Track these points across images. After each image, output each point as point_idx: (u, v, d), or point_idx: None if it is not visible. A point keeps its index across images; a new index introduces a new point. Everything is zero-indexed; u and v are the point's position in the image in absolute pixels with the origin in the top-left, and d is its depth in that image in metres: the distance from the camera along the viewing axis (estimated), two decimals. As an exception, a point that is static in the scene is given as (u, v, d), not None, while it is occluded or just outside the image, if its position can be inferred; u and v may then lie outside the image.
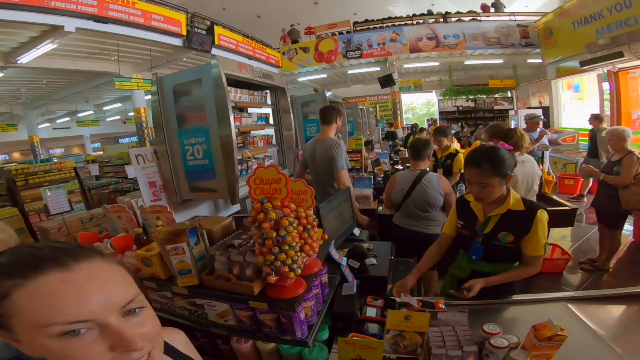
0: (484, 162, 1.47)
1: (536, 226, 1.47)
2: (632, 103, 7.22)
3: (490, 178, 1.46)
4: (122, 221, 2.03)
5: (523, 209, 1.51)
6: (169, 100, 2.08)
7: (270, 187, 1.02)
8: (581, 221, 4.85)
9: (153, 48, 7.84)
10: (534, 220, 1.47)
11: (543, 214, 1.48)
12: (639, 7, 5.94)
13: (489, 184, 1.47)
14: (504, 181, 1.50)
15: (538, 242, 1.49)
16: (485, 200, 1.55)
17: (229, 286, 1.14)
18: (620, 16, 6.34)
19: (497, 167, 1.46)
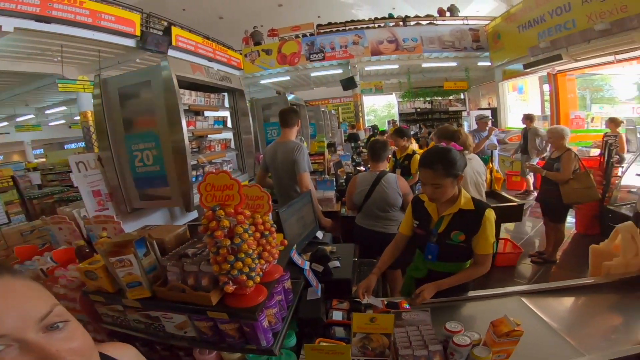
0: (437, 164, 1.51)
1: (484, 225, 1.52)
2: (570, 104, 7.94)
3: (443, 179, 1.51)
4: (63, 233, 1.87)
5: (473, 208, 1.56)
6: (114, 103, 1.94)
7: (223, 194, 0.97)
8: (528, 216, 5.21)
9: (102, 49, 7.35)
10: (482, 219, 1.52)
11: (491, 213, 1.54)
12: (577, 11, 6.39)
13: (441, 185, 1.52)
14: (456, 181, 1.55)
15: (487, 241, 1.54)
16: (439, 200, 1.58)
17: (184, 297, 1.08)
18: (560, 20, 6.83)
19: (449, 169, 1.50)
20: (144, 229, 1.49)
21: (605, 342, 1.20)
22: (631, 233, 1.71)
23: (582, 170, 3.35)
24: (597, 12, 5.89)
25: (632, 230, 1.71)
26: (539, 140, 5.91)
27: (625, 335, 1.13)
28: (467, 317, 1.53)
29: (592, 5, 5.99)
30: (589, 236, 4.04)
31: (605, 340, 1.25)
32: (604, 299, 1.57)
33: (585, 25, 6.13)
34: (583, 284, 1.66)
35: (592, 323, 1.40)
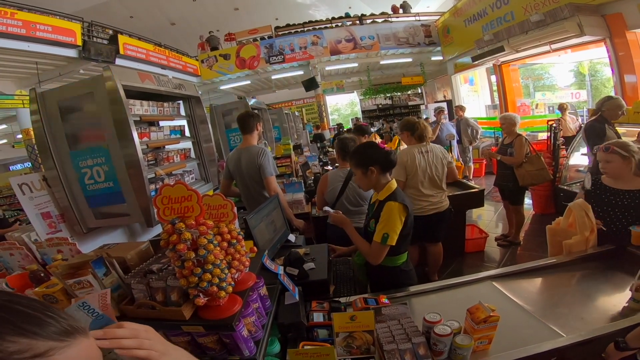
0: (352, 156, 1.81)
1: (382, 213, 1.66)
2: (515, 92, 8.48)
3: (355, 168, 1.79)
4: (15, 258, 1.74)
5: (383, 199, 1.71)
6: (55, 118, 1.80)
7: (181, 206, 0.92)
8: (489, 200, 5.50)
9: (40, 60, 6.84)
10: (383, 208, 1.66)
11: (391, 204, 1.65)
12: (514, 3, 6.80)
13: (355, 173, 1.81)
14: (368, 172, 1.72)
15: (379, 227, 1.66)
16: (360, 187, 1.88)
17: (155, 314, 1.03)
18: (500, 12, 7.26)
19: (357, 161, 1.76)
20: (101, 249, 1.40)
21: (579, 321, 1.25)
22: (584, 209, 1.80)
23: (533, 154, 3.59)
24: (532, 3, 6.30)
25: (584, 207, 1.81)
26: (470, 130, 6.32)
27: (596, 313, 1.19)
28: (445, 305, 1.56)
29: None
30: (546, 215, 4.34)
31: (579, 319, 1.31)
32: (569, 277, 1.67)
33: (522, 17, 6.53)
34: (548, 264, 1.75)
35: (563, 303, 1.47)
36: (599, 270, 1.68)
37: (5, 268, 1.97)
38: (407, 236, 1.73)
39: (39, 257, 1.71)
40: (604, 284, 1.59)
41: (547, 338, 1.23)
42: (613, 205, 1.89)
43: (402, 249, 1.74)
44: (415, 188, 2.79)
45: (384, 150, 1.77)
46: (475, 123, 6.41)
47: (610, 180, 1.94)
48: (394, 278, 1.77)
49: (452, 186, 3.73)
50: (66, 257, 1.50)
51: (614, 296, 1.47)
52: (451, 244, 3.38)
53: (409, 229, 1.70)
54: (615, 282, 1.58)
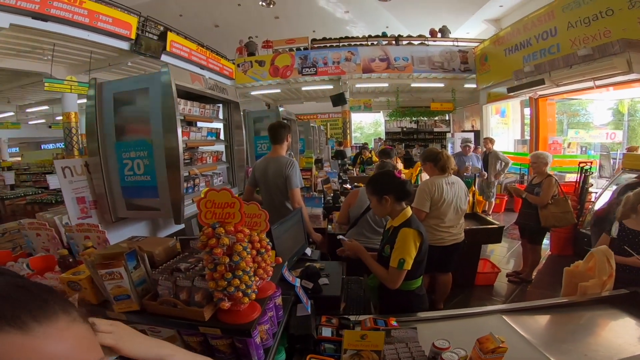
0: (367, 184, 1.88)
1: (397, 239, 1.69)
2: (549, 128, 8.16)
3: (370, 196, 1.85)
4: (41, 239, 1.80)
5: (398, 225, 1.74)
6: (108, 108, 1.90)
7: (223, 212, 0.97)
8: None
9: (95, 50, 7.23)
10: (398, 234, 1.70)
11: (406, 231, 1.69)
12: (562, 35, 6.57)
13: (370, 200, 1.86)
14: (383, 201, 1.77)
15: (395, 253, 1.69)
16: (376, 214, 1.95)
17: (175, 312, 1.06)
18: (545, 44, 7.00)
19: (373, 189, 1.82)
20: (132, 241, 1.45)
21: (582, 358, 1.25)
22: (606, 256, 1.82)
23: (560, 196, 3.50)
24: (582, 37, 6.06)
25: (607, 253, 1.82)
26: (500, 163, 6.15)
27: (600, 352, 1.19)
28: (453, 334, 1.54)
29: (577, 30, 6.16)
30: (563, 257, 4.23)
31: (582, 356, 1.31)
32: (579, 316, 1.66)
33: (568, 50, 6.27)
34: (560, 303, 1.76)
35: (569, 339, 1.48)
36: (610, 312, 1.68)
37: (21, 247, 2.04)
38: (422, 262, 1.77)
39: (65, 241, 1.76)
40: (612, 325, 1.61)
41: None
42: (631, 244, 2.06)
43: (417, 273, 1.77)
44: (438, 218, 2.75)
45: (399, 179, 1.81)
46: (505, 157, 6.26)
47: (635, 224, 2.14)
48: (407, 302, 1.79)
49: (472, 219, 3.68)
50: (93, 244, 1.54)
51: (620, 337, 1.47)
52: (462, 275, 3.34)
53: (423, 254, 1.74)
54: (624, 324, 1.58)
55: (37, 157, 12.65)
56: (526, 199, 3.65)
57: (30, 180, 9.56)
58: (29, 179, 9.75)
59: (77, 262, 1.45)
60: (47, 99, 12.40)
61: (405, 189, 1.79)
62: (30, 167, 10.63)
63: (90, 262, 1.09)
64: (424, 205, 2.70)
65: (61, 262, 1.47)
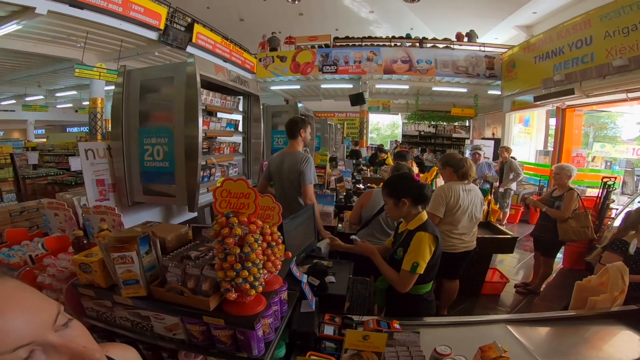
0: (384, 185, 1.84)
1: (412, 242, 1.67)
2: (574, 140, 7.83)
3: (386, 198, 1.81)
4: (58, 219, 1.86)
5: (413, 229, 1.71)
6: (134, 95, 1.96)
7: (238, 202, 0.98)
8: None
9: (125, 39, 7.47)
10: (413, 237, 1.68)
11: (422, 235, 1.67)
12: (598, 44, 6.21)
13: (387, 202, 1.83)
14: (400, 204, 1.75)
15: (408, 256, 1.66)
16: (390, 216, 1.90)
17: (181, 300, 1.07)
18: (578, 53, 6.67)
19: (390, 191, 1.79)
20: (146, 226, 1.48)
21: None
22: (621, 272, 1.78)
23: (581, 210, 3.38)
24: (618, 47, 5.75)
25: (622, 269, 1.79)
26: (512, 175, 5.98)
27: None
28: (455, 340, 1.53)
29: (615, 39, 5.84)
30: (575, 271, 4.11)
31: None
32: (585, 330, 1.64)
33: (603, 59, 5.98)
34: (567, 316, 1.73)
35: (572, 352, 1.46)
36: (616, 327, 1.64)
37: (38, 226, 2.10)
38: (434, 267, 1.75)
39: (81, 222, 1.82)
40: (616, 340, 1.58)
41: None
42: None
43: (427, 278, 1.75)
44: (451, 225, 2.69)
45: (417, 182, 1.80)
46: (517, 167, 6.07)
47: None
48: (415, 306, 1.78)
49: (485, 228, 3.61)
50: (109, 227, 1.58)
51: (621, 352, 1.45)
52: (469, 282, 3.27)
53: (436, 259, 1.72)
54: (629, 340, 1.55)
55: (62, 139, 13.08)
56: (545, 212, 3.55)
57: (53, 162, 9.82)
58: (52, 160, 10.05)
59: (91, 244, 1.48)
60: (76, 84, 12.86)
61: (423, 193, 1.76)
62: (54, 149, 10.99)
63: (103, 245, 1.11)
64: (439, 210, 2.65)
65: (75, 243, 1.49)
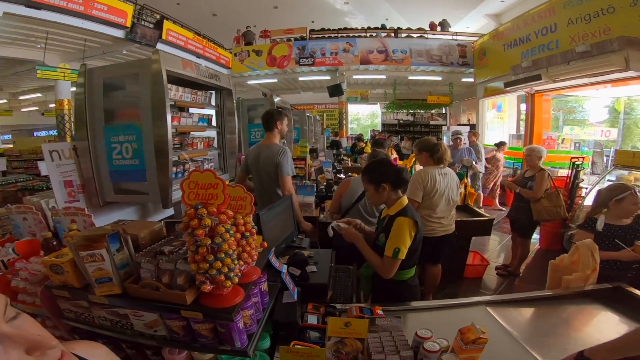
0: (364, 172, 1.84)
1: (393, 227, 1.68)
2: (544, 124, 8.18)
3: (367, 184, 1.81)
4: (28, 224, 1.80)
5: (394, 214, 1.72)
6: (97, 94, 1.89)
7: (206, 193, 0.97)
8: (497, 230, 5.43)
9: (89, 38, 7.15)
10: (393, 223, 1.68)
11: (402, 220, 1.68)
12: (562, 32, 6.57)
13: (367, 189, 1.82)
14: (380, 189, 1.75)
15: (390, 241, 1.67)
16: (371, 202, 1.92)
17: (157, 295, 1.06)
18: (545, 40, 7.01)
19: (370, 177, 1.78)
20: (117, 224, 1.45)
21: (562, 352, 1.26)
22: (591, 250, 1.83)
23: (553, 190, 3.52)
24: (581, 33, 6.07)
25: (591, 247, 1.84)
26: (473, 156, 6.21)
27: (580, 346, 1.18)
28: (437, 324, 1.56)
29: (577, 26, 6.17)
30: (551, 251, 4.25)
31: (562, 350, 1.31)
32: (562, 310, 1.68)
33: (567, 46, 6.29)
34: (543, 296, 1.78)
35: (550, 333, 1.49)
36: (592, 306, 1.70)
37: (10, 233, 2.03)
38: (416, 251, 1.76)
39: (51, 225, 1.76)
40: (594, 320, 1.63)
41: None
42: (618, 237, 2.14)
43: (409, 263, 1.76)
44: (430, 209, 2.76)
45: (395, 167, 1.80)
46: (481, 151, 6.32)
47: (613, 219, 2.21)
48: (400, 291, 1.79)
49: (462, 212, 3.70)
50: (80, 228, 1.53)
51: (600, 332, 1.49)
52: (451, 267, 3.36)
53: (417, 244, 1.73)
54: (606, 319, 1.61)
55: (29, 144, 12.50)
56: (519, 193, 3.67)
57: (22, 167, 9.47)
58: (21, 166, 9.67)
59: (62, 245, 1.44)
60: (40, 86, 12.27)
61: (402, 177, 1.77)
62: (22, 154, 10.53)
63: (72, 244, 1.09)
64: (417, 195, 2.70)
65: (44, 245, 1.46)
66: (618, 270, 2.07)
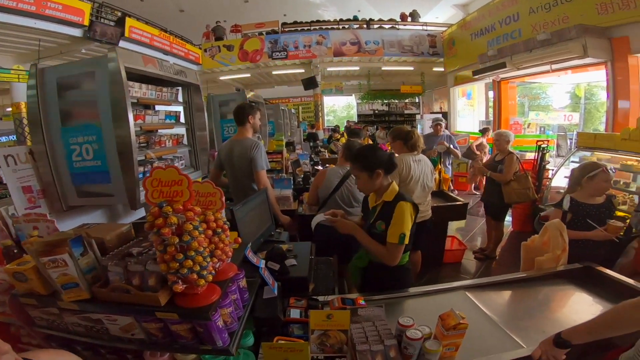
0: (354, 159, 1.77)
1: (395, 213, 1.64)
2: (510, 110, 8.53)
3: (358, 172, 1.73)
4: None
5: (391, 200, 1.70)
6: (51, 94, 1.80)
7: (171, 190, 0.93)
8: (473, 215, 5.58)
9: (44, 38, 6.76)
10: (394, 208, 1.65)
11: (403, 205, 1.65)
12: (524, 21, 6.85)
13: (359, 177, 1.74)
14: (374, 175, 1.70)
15: (393, 228, 1.64)
16: (363, 191, 1.82)
17: (128, 298, 1.03)
18: (508, 29, 7.31)
19: (362, 163, 1.72)
20: (81, 228, 1.38)
21: (540, 334, 1.29)
22: (559, 229, 1.89)
23: (521, 172, 3.66)
24: (542, 22, 6.35)
25: (559, 227, 1.90)
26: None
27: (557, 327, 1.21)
28: (418, 311, 1.59)
29: (538, 15, 6.45)
30: (524, 233, 4.38)
31: (540, 332, 1.35)
32: (537, 292, 1.74)
33: (529, 34, 6.54)
34: (518, 278, 1.83)
35: (527, 316, 1.54)
36: (565, 287, 1.77)
37: None
38: (413, 235, 1.74)
39: (13, 232, 1.67)
40: (568, 301, 1.69)
41: (509, 349, 1.27)
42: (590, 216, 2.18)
43: (408, 247, 1.74)
44: None
45: (386, 152, 1.79)
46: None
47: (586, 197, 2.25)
48: (400, 277, 1.79)
49: (438, 197, 3.79)
50: (42, 234, 1.48)
51: (575, 313, 1.54)
52: (431, 253, 3.42)
53: (414, 228, 1.72)
54: (579, 300, 1.67)
55: (-14, 150, 11.69)
56: (490, 176, 3.79)
57: (-19, 174, 8.87)
58: (-21, 173, 9.04)
59: (25, 252, 1.37)
60: (-6, 90, 11.40)
61: (393, 162, 1.74)
62: (-21, 162, 9.83)
63: (32, 250, 1.04)
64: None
65: (5, 253, 1.40)
66: (590, 250, 2.10)
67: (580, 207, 2.24)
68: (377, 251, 1.70)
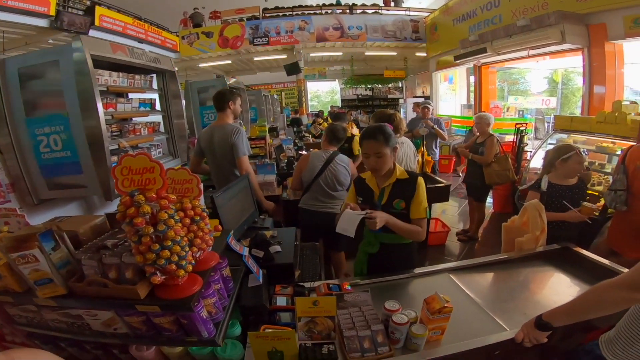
0: (378, 134, 1.66)
1: (418, 190, 1.68)
2: (490, 94, 8.69)
3: (384, 148, 1.65)
4: None
5: (407, 177, 1.71)
6: (13, 85, 1.72)
7: (142, 178, 0.88)
8: (456, 196, 5.70)
9: (7, 29, 6.34)
10: (416, 184, 1.68)
11: (422, 180, 1.71)
12: (504, 7, 6.97)
13: (382, 154, 1.65)
14: (393, 152, 1.69)
15: (420, 205, 1.68)
16: (381, 171, 1.71)
17: (106, 292, 0.99)
18: (489, 15, 7.41)
19: (388, 139, 1.66)
20: (52, 221, 1.33)
21: (522, 316, 1.32)
22: (538, 210, 1.92)
23: (502, 154, 3.73)
24: (521, 8, 6.45)
25: (538, 208, 1.92)
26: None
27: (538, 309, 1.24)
28: (404, 295, 1.61)
29: (518, 1, 6.55)
30: (505, 214, 4.52)
31: (522, 315, 1.38)
32: (518, 273, 1.77)
33: (509, 20, 6.65)
34: (500, 259, 1.86)
35: (510, 298, 1.57)
36: (545, 268, 1.81)
37: None
38: None
39: None
40: (548, 282, 1.73)
41: (493, 331, 1.29)
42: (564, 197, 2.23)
43: None
44: None
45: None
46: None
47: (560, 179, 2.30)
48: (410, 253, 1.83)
49: (422, 179, 3.81)
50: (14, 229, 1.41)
51: (555, 295, 1.58)
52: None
53: None
54: (559, 281, 1.72)
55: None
56: (472, 158, 3.85)
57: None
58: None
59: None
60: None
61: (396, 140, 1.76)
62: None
63: (2, 247, 1.00)
64: None
65: None
66: (566, 230, 2.17)
67: (554, 188, 2.31)
68: (410, 232, 1.68)
